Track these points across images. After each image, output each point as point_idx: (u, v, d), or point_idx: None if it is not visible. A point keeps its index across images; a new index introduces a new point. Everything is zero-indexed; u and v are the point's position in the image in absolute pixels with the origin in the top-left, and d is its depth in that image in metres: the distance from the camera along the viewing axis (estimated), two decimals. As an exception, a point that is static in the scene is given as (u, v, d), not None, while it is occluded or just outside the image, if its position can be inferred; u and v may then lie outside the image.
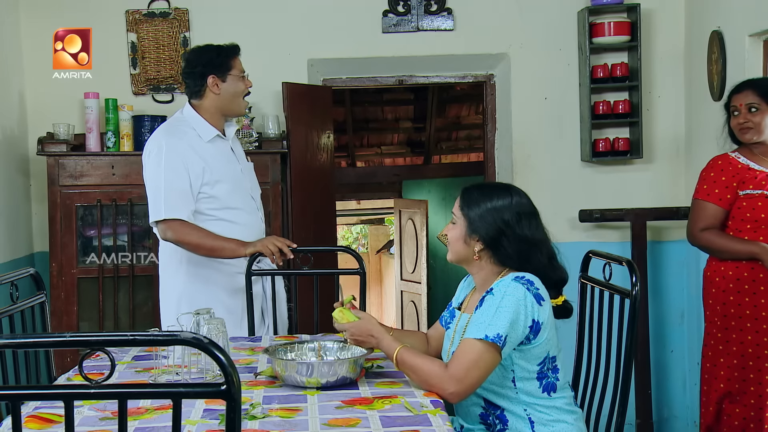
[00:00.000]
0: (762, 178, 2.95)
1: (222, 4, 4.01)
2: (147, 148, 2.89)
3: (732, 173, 2.98)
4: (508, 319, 1.93)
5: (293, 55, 4.02)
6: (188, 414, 1.81)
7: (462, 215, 2.08)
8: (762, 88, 2.96)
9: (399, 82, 4.25)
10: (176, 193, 2.80)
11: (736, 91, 3.02)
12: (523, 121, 4.11)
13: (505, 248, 2.03)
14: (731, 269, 2.97)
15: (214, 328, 2.12)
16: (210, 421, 1.78)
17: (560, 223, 4.01)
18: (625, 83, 3.99)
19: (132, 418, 1.79)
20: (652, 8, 4.03)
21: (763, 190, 2.93)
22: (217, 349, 1.18)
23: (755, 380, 2.97)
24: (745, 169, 2.97)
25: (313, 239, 3.88)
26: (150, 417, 1.81)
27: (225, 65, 2.89)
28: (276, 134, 3.83)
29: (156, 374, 2.14)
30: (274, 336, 2.84)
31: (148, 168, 2.87)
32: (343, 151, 7.90)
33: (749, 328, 2.96)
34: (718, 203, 2.99)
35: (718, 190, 2.99)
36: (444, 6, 4.04)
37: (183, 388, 1.21)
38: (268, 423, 1.78)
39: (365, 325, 2.10)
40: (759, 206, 2.94)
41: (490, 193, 2.07)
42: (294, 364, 2.04)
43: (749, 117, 2.95)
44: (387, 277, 10.20)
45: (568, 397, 2.07)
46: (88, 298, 3.74)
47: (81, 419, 1.80)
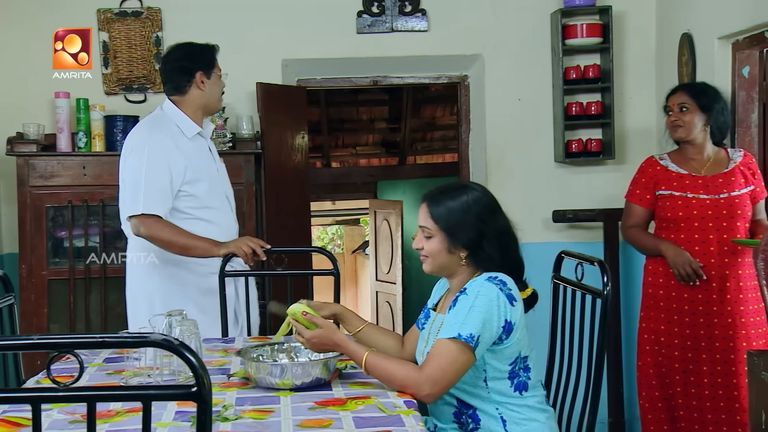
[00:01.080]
0: (674, 180, 3.12)
1: (195, 3, 3.98)
2: (129, 141, 2.87)
3: (651, 174, 3.19)
4: (480, 319, 1.93)
5: (267, 56, 4.01)
6: (160, 416, 1.80)
7: (438, 227, 2.04)
8: (693, 90, 3.16)
9: (374, 83, 4.26)
10: (156, 188, 2.79)
11: (671, 93, 3.22)
12: (497, 122, 4.14)
13: (486, 249, 2.03)
14: (665, 263, 3.12)
15: (187, 330, 2.10)
16: (182, 424, 1.77)
17: (534, 223, 4.03)
18: (597, 85, 4.02)
19: (102, 421, 1.77)
20: (623, 10, 4.07)
21: (673, 191, 3.11)
22: (188, 351, 1.17)
23: (694, 371, 3.10)
24: (663, 170, 3.16)
25: (287, 240, 3.87)
26: (120, 420, 1.80)
27: (211, 62, 2.95)
28: (250, 135, 3.82)
29: (127, 376, 2.12)
30: (247, 337, 2.83)
31: (129, 161, 2.84)
32: (318, 152, 7.88)
33: (687, 322, 3.10)
34: (640, 203, 3.21)
35: (639, 191, 3.22)
36: (418, 7, 4.05)
37: (153, 390, 1.21)
38: (241, 425, 1.77)
39: (326, 333, 2.06)
40: (668, 206, 3.11)
41: (456, 197, 2.05)
42: (266, 366, 2.03)
43: (680, 116, 3.12)
44: (362, 278, 10.20)
45: (540, 396, 2.09)
46: (59, 300, 3.70)
47: (50, 422, 1.78)
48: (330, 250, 12.15)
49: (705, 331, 3.07)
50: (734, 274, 3.06)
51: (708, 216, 3.06)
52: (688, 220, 3.08)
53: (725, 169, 3.11)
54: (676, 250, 3.06)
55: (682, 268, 3.03)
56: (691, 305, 3.09)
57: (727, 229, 3.05)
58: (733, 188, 3.07)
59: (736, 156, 3.15)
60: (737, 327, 3.05)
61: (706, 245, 3.06)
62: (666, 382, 3.15)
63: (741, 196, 3.07)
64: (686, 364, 3.10)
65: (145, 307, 2.82)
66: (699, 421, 3.08)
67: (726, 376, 3.05)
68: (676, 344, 3.12)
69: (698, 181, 3.10)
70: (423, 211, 2.08)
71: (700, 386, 3.09)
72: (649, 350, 3.19)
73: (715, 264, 3.05)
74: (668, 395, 3.15)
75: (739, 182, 3.09)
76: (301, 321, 2.08)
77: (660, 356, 3.16)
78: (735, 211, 3.05)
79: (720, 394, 3.06)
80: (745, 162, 3.14)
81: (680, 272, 3.04)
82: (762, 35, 3.20)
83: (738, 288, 3.06)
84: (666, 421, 3.16)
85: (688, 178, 3.11)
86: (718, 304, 3.06)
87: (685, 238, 3.08)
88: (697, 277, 3.03)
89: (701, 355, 3.08)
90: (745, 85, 3.42)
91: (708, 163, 3.14)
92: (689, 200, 3.08)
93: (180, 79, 2.91)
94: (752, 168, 3.14)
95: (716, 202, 3.06)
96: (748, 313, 3.06)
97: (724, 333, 3.05)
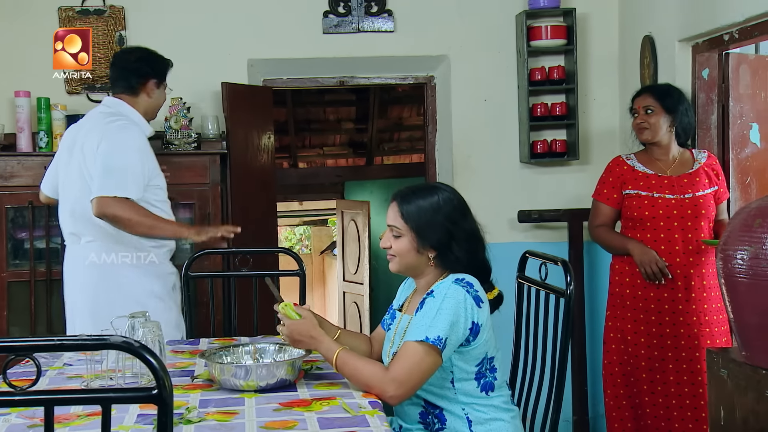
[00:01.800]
0: (641, 179, 3.16)
1: (160, 3, 3.94)
2: (111, 128, 2.87)
3: (618, 174, 3.22)
4: (448, 322, 1.94)
5: (233, 55, 3.98)
6: (122, 420, 1.78)
7: (408, 226, 2.04)
8: (658, 92, 3.19)
9: (340, 83, 4.25)
10: (133, 175, 2.83)
11: (636, 95, 3.26)
12: (463, 123, 4.15)
13: (454, 250, 2.03)
14: (632, 262, 3.15)
15: (149, 332, 2.08)
16: (144, 426, 1.75)
17: (499, 223, 4.06)
18: (561, 86, 4.06)
19: (62, 425, 1.74)
20: (587, 13, 4.12)
21: (639, 190, 3.15)
22: (148, 353, 1.16)
23: (660, 368, 3.13)
24: (630, 170, 3.20)
25: (253, 241, 3.84)
26: (81, 423, 1.77)
27: (163, 74, 3.02)
28: (215, 135, 3.79)
29: (89, 379, 2.09)
30: (212, 339, 2.80)
31: (112, 144, 2.83)
32: (285, 152, 7.85)
33: (653, 321, 3.13)
34: (607, 202, 3.24)
35: (606, 190, 3.25)
36: (384, 8, 4.05)
37: (112, 393, 1.19)
38: (204, 427, 1.76)
39: (305, 325, 2.06)
40: (635, 205, 3.15)
41: (426, 197, 2.05)
42: (230, 368, 2.02)
43: (645, 118, 3.17)
44: (330, 279, 10.18)
45: (506, 396, 2.10)
46: (19, 303, 3.63)
47: (8, 427, 1.75)
48: (298, 250, 12.12)
49: (671, 330, 3.12)
50: (698, 273, 3.10)
51: (673, 215, 3.10)
52: (654, 219, 3.12)
53: (690, 170, 3.16)
54: (642, 248, 3.09)
55: (648, 266, 3.07)
56: (657, 304, 3.13)
57: (691, 229, 3.10)
58: (697, 188, 3.12)
59: (701, 157, 3.20)
60: (701, 325, 3.10)
61: (672, 244, 3.10)
62: (631, 380, 3.19)
63: (705, 196, 3.13)
64: (652, 362, 3.14)
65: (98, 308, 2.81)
66: (665, 418, 3.13)
67: (691, 374, 3.10)
68: (642, 342, 3.15)
69: (664, 181, 3.14)
70: (393, 210, 2.07)
71: (666, 384, 3.13)
72: (615, 349, 3.23)
73: (681, 263, 3.09)
74: (633, 393, 3.19)
75: (704, 183, 3.14)
76: (287, 312, 2.06)
77: (626, 355, 3.19)
78: (699, 211, 3.10)
79: (686, 392, 3.11)
80: (710, 163, 3.19)
81: (646, 271, 3.07)
82: (721, 38, 3.25)
83: (702, 287, 3.10)
84: (630, 418, 3.21)
85: (654, 178, 3.15)
86: (683, 302, 3.10)
87: (651, 237, 3.12)
88: (663, 276, 3.07)
89: (667, 353, 3.12)
90: (704, 87, 3.48)
91: (674, 163, 3.18)
92: (655, 200, 3.12)
93: (134, 80, 2.95)
94: (716, 169, 3.20)
95: (681, 202, 3.11)
96: (712, 311, 3.12)
97: (689, 331, 3.10)
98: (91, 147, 2.85)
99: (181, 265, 2.94)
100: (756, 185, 3.48)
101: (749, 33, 3.06)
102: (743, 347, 2.26)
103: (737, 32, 3.13)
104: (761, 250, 2.12)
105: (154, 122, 3.74)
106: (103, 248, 2.85)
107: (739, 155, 3.47)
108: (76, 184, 2.89)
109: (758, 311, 2.15)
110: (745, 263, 2.15)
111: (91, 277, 2.87)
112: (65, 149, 2.98)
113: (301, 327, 2.06)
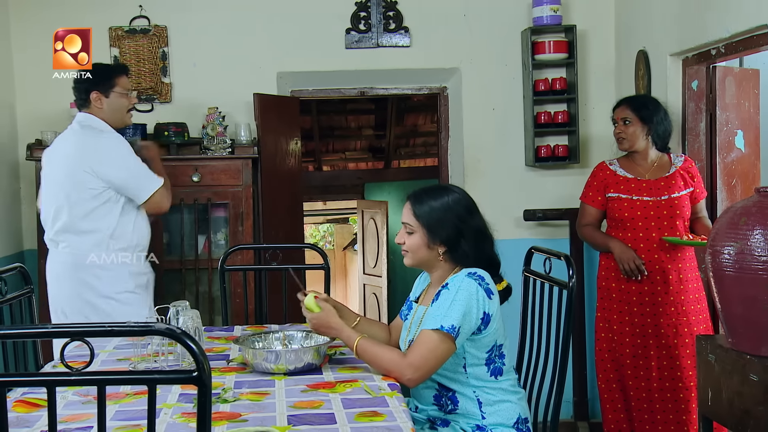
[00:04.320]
0: (622, 183, 3.16)
1: (198, 22, 3.96)
2: (100, 145, 2.87)
3: (602, 178, 3.21)
4: (461, 312, 1.94)
5: (264, 69, 3.99)
6: (165, 398, 1.80)
7: (419, 224, 2.04)
8: (634, 104, 3.18)
9: (361, 94, 4.25)
10: (142, 165, 2.91)
11: (616, 106, 3.25)
12: (474, 129, 4.14)
13: (462, 246, 2.03)
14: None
15: (189, 319, 2.10)
16: (185, 404, 1.76)
17: (506, 221, 4.04)
18: (563, 96, 4.04)
19: (113, 402, 1.77)
20: (586, 29, 4.09)
21: (620, 193, 3.14)
22: (189, 339, 1.17)
23: (643, 355, 3.12)
24: (612, 174, 3.19)
25: (282, 237, 3.87)
26: (129, 401, 1.79)
27: (109, 83, 2.94)
28: (248, 141, 3.81)
29: (135, 362, 2.11)
30: (245, 326, 2.82)
31: (117, 160, 2.86)
32: (311, 157, 7.87)
33: (636, 312, 3.13)
34: (592, 204, 3.24)
35: (591, 193, 3.24)
36: (401, 25, 4.05)
37: (157, 375, 1.20)
38: (239, 406, 1.77)
39: (325, 318, 2.07)
40: (617, 207, 3.15)
41: (437, 197, 2.06)
42: (262, 352, 2.03)
43: (623, 128, 3.17)
44: (351, 272, 10.20)
45: (513, 380, 2.09)
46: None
47: (66, 403, 1.78)
48: (321, 246, 12.13)
49: (652, 320, 3.12)
50: (675, 267, 3.11)
51: (651, 216, 3.10)
52: (633, 220, 3.12)
53: (667, 174, 3.15)
54: (622, 247, 3.09)
55: (626, 263, 3.06)
56: (639, 296, 3.13)
57: (668, 228, 3.09)
58: (673, 191, 3.11)
59: (678, 161, 3.19)
60: (680, 315, 3.10)
61: (650, 242, 3.10)
62: (619, 365, 3.19)
63: (680, 197, 3.12)
64: (636, 350, 3.15)
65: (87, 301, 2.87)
66: (647, 400, 3.14)
67: (671, 359, 3.11)
68: (627, 332, 3.16)
69: (642, 184, 3.13)
70: (407, 209, 2.08)
71: (649, 369, 3.13)
72: (604, 337, 3.23)
73: (659, 259, 3.10)
74: (621, 377, 3.19)
75: (679, 185, 3.13)
76: (308, 305, 2.08)
77: (613, 343, 3.19)
78: (675, 212, 3.10)
79: (666, 375, 3.12)
80: (685, 166, 3.17)
81: (624, 267, 3.08)
82: (708, 52, 3.22)
83: (679, 280, 3.11)
84: (620, 400, 3.21)
85: (633, 182, 3.14)
86: (662, 295, 3.10)
87: (631, 237, 3.12)
88: (640, 273, 3.07)
89: (649, 341, 3.12)
90: (694, 97, 3.45)
91: (652, 167, 3.17)
92: (634, 202, 3.11)
93: (82, 96, 2.96)
94: (692, 171, 3.18)
95: (658, 204, 3.10)
96: (689, 301, 3.12)
97: (668, 321, 3.10)
98: (76, 158, 2.86)
99: (216, 259, 2.95)
100: (741, 187, 3.44)
101: (734, 48, 3.03)
102: (729, 334, 2.25)
103: (723, 47, 3.10)
104: (746, 246, 2.10)
105: (192, 128, 3.81)
106: (77, 252, 2.87)
107: (726, 159, 3.43)
108: (52, 197, 2.90)
109: (743, 301, 2.14)
110: (731, 258, 2.13)
111: (69, 278, 2.88)
112: (47, 163, 2.99)
113: (321, 319, 2.07)
